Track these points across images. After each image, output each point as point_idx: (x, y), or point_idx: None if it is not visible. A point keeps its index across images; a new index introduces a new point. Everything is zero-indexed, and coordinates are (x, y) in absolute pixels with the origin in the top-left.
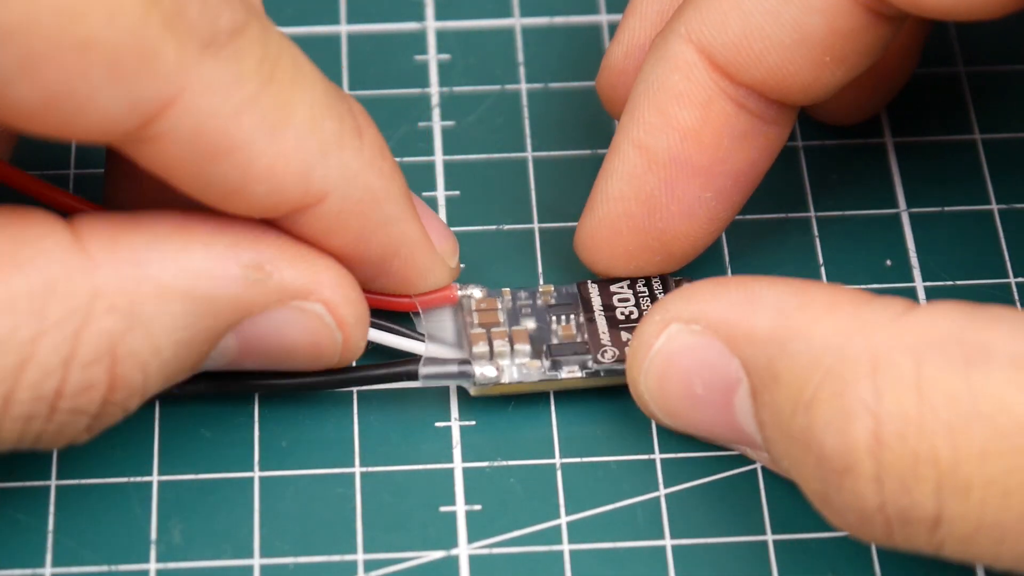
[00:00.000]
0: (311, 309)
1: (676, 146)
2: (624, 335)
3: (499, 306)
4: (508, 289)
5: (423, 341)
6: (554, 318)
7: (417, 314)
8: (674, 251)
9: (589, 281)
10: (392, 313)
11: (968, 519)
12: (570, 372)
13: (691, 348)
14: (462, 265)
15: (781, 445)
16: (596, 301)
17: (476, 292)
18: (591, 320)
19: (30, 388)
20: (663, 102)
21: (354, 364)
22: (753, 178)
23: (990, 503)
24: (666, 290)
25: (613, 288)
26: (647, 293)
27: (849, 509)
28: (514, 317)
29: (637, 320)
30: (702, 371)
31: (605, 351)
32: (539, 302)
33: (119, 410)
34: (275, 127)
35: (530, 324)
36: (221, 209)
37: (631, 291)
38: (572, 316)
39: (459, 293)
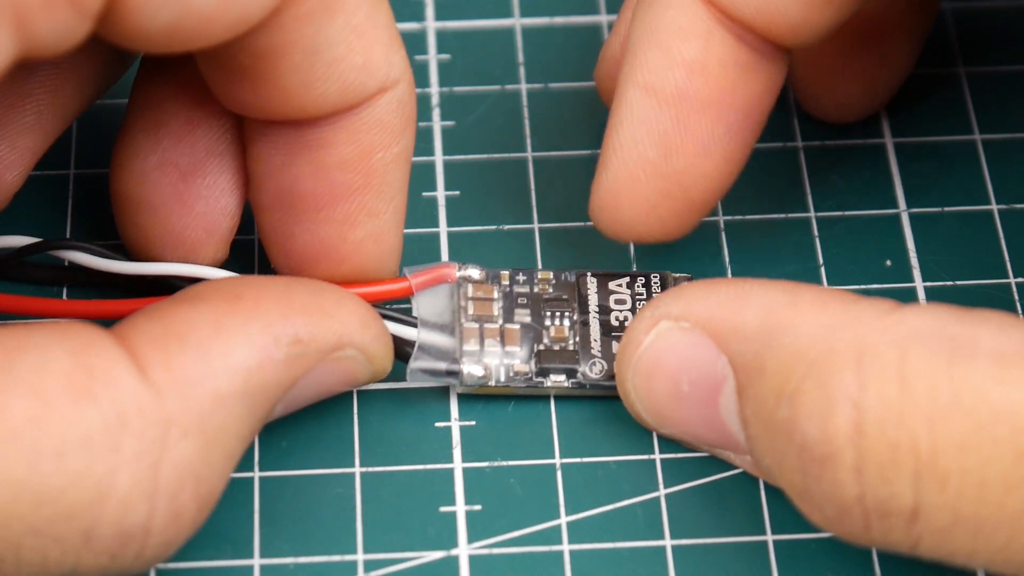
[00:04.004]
0: (346, 355)
1: (683, 81)
2: (615, 345)
3: (495, 295)
4: (507, 272)
5: (415, 326)
6: (548, 314)
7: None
8: (694, 196)
9: (588, 273)
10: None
11: (945, 510)
12: (556, 381)
13: (679, 345)
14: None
15: (764, 440)
16: (592, 300)
17: (474, 273)
18: (585, 323)
19: (113, 524)
20: (664, 39)
21: None
22: (760, 115)
23: (967, 494)
24: (664, 290)
25: (612, 286)
26: (645, 296)
27: (828, 501)
28: (509, 308)
29: None
30: (689, 368)
31: (594, 364)
32: (536, 289)
33: (203, 522)
34: (375, 3)
35: (524, 317)
36: (311, 96)
37: (629, 291)
38: (567, 314)
39: (457, 273)
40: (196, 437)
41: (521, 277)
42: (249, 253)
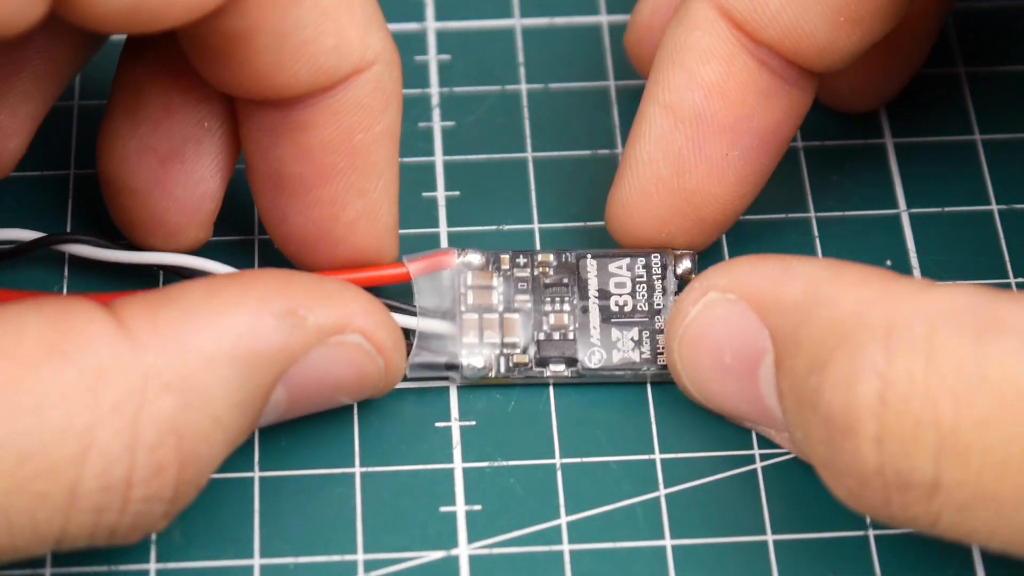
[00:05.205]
0: (350, 341)
1: (701, 103)
2: (615, 332)
3: (494, 282)
4: (507, 256)
5: (415, 315)
6: (548, 300)
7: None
8: (705, 215)
9: (589, 255)
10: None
11: (966, 486)
12: (556, 371)
13: (724, 316)
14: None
15: (795, 412)
16: (592, 283)
17: (474, 258)
18: (584, 309)
19: (96, 478)
20: (686, 60)
21: None
22: (779, 141)
23: (989, 471)
24: (664, 272)
25: (612, 268)
26: (645, 278)
27: (849, 472)
28: (509, 295)
29: (630, 312)
30: (732, 340)
31: (592, 354)
32: (536, 272)
33: (193, 488)
34: None
35: (525, 303)
36: (283, 77)
37: (629, 274)
38: (566, 299)
39: (457, 260)
40: (178, 392)
41: (522, 260)
42: (249, 254)
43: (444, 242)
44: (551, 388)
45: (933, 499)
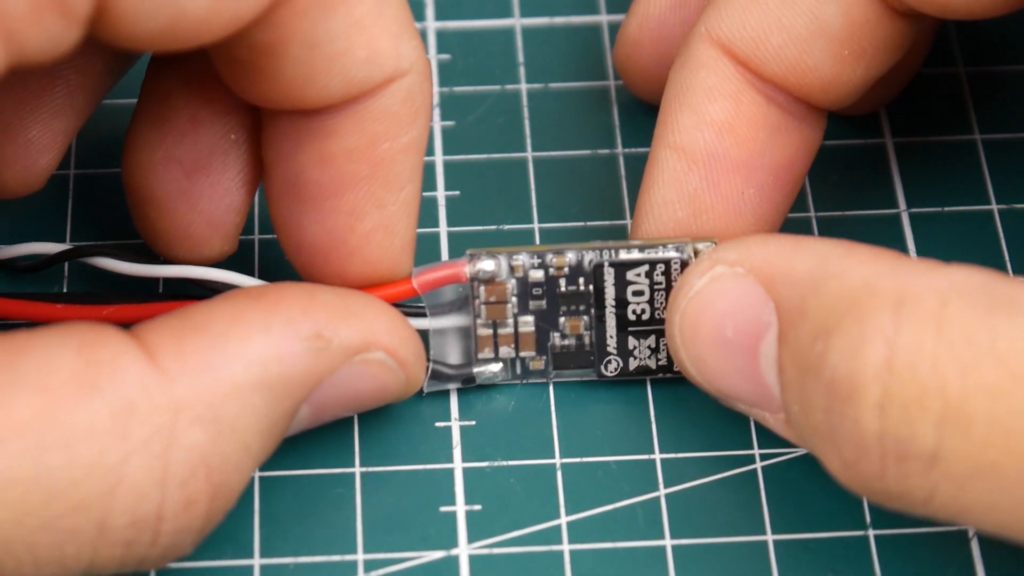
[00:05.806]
0: (374, 358)
1: (712, 142)
2: (631, 341)
3: (508, 292)
4: (519, 264)
5: (425, 315)
6: (564, 308)
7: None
8: None
9: (606, 263)
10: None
11: (967, 458)
12: (571, 377)
13: (730, 290)
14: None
15: (796, 383)
16: (609, 292)
17: (487, 265)
18: (600, 318)
19: (126, 513)
20: (693, 101)
21: None
22: (793, 177)
23: (992, 442)
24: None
25: (629, 276)
26: (664, 284)
27: (847, 441)
28: (523, 301)
29: (648, 321)
30: (736, 314)
31: (609, 362)
32: (551, 272)
33: (222, 515)
34: None
35: (540, 307)
36: (314, 89)
37: (648, 280)
38: (582, 307)
39: (468, 270)
40: (208, 424)
41: (535, 260)
42: (249, 253)
43: (444, 241)
44: (551, 388)
45: (932, 471)
